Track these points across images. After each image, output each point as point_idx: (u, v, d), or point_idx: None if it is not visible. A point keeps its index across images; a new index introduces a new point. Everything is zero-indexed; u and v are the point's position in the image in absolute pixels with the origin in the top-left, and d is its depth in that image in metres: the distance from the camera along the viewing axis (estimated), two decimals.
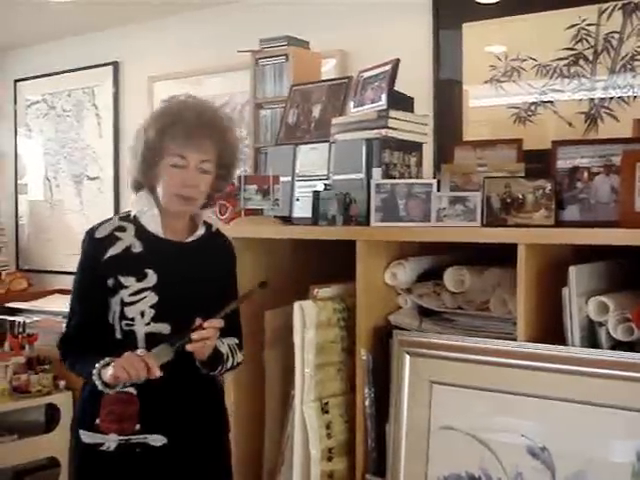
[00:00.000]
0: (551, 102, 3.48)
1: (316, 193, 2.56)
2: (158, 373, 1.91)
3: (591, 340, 2.07)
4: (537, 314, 2.12)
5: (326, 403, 2.35)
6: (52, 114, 5.74)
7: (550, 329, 2.12)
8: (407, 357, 2.25)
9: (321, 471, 2.32)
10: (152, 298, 2.05)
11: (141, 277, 2.06)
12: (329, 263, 2.45)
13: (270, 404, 2.57)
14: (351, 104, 2.75)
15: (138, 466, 2.04)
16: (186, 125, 2.03)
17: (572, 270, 2.04)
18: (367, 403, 2.33)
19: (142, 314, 2.03)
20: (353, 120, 2.61)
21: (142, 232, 2.10)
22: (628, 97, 3.30)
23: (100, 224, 2.13)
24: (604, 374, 1.96)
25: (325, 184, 2.63)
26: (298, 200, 2.77)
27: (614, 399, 1.94)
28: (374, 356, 2.34)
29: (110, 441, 2.02)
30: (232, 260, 2.26)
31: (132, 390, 2.02)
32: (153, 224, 2.11)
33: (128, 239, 2.09)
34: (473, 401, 2.14)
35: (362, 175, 2.49)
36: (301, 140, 2.85)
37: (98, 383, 1.95)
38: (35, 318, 4.75)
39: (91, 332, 2.06)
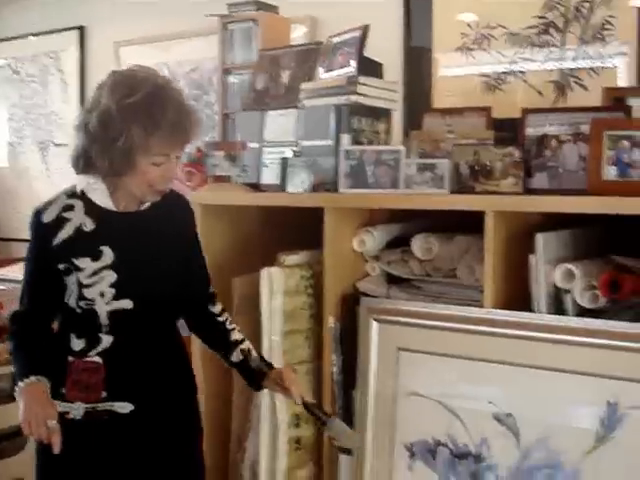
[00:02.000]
0: (521, 71, 3.48)
1: (284, 160, 2.54)
2: (56, 450, 1.86)
3: (557, 307, 2.08)
4: (504, 281, 2.13)
5: (294, 370, 2.35)
6: (16, 79, 5.64)
7: (517, 296, 2.13)
8: (374, 324, 2.25)
9: (288, 437, 2.33)
10: (111, 277, 1.97)
11: (96, 256, 1.97)
12: (297, 230, 2.43)
13: None
14: (320, 70, 2.72)
15: (106, 433, 2.02)
16: (173, 128, 1.90)
17: (539, 237, 2.05)
18: (334, 370, 2.34)
19: (102, 294, 1.97)
20: (322, 86, 2.59)
21: (92, 208, 2.00)
22: (597, 67, 3.30)
23: (46, 205, 2.01)
24: (570, 341, 1.97)
25: (293, 150, 2.61)
26: (266, 166, 2.74)
27: (579, 365, 1.96)
28: (342, 323, 2.34)
29: (77, 409, 2.00)
30: (190, 216, 2.16)
31: (98, 359, 2.00)
32: (102, 198, 2.00)
33: (78, 218, 1.99)
34: (440, 368, 2.15)
35: (331, 141, 2.47)
36: (269, 106, 2.82)
37: (17, 391, 1.94)
38: (1, 287, 4.70)
39: (43, 315, 2.03)
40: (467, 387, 2.11)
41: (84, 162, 1.96)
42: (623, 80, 3.24)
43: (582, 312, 2.05)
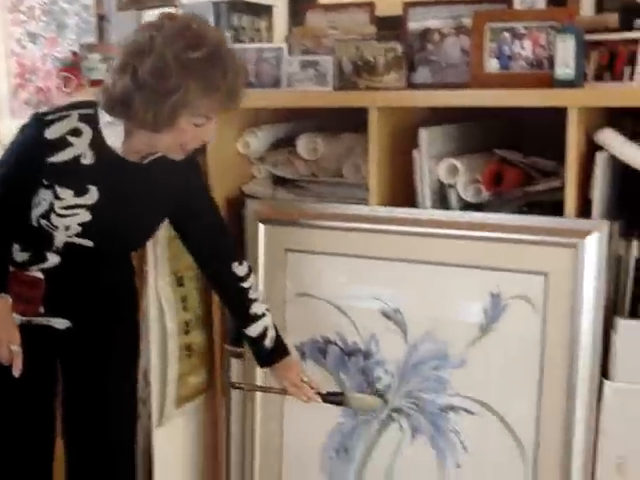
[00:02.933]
0: None
1: None
2: (16, 373, 1.83)
3: (442, 202, 2.09)
4: (389, 178, 2.12)
5: (181, 277, 2.31)
6: None
7: (402, 193, 2.12)
8: (261, 226, 2.22)
9: (179, 344, 2.30)
10: (84, 217, 1.86)
11: (81, 193, 1.85)
12: None
13: None
14: None
15: (42, 348, 1.98)
16: (228, 93, 1.76)
17: (423, 132, 2.04)
18: None
19: (67, 228, 1.87)
20: None
21: (99, 142, 1.84)
22: None
23: (54, 118, 1.83)
24: (454, 235, 1.99)
25: None
26: None
27: (463, 259, 1.99)
28: (229, 227, 2.30)
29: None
30: (194, 173, 2.02)
31: (39, 274, 1.92)
32: (114, 138, 1.85)
33: (80, 147, 1.83)
34: (328, 267, 2.15)
35: None
36: (145, 5, 2.69)
37: None
38: None
39: (7, 213, 1.91)
40: (355, 285, 2.12)
41: (121, 107, 1.76)
42: None
43: (466, 206, 2.07)
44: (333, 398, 2.09)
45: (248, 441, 2.31)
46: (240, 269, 2.05)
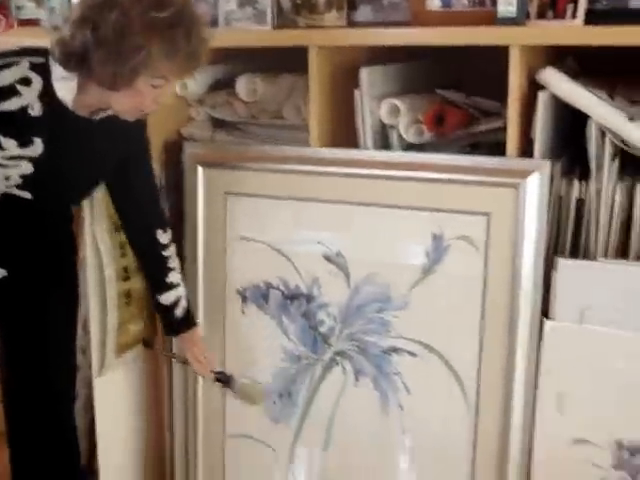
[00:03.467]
0: None
1: None
2: None
3: (383, 143, 2.06)
4: (330, 119, 2.09)
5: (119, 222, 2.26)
6: None
7: (344, 134, 2.09)
8: (200, 169, 2.17)
9: (117, 291, 2.25)
10: (26, 168, 1.79)
11: (25, 144, 1.77)
12: None
13: None
14: None
15: None
16: (190, 57, 1.68)
17: (364, 72, 2.00)
18: None
19: (7, 178, 1.79)
20: None
21: (48, 95, 1.75)
22: None
23: (3, 63, 1.73)
24: (396, 176, 1.97)
25: None
26: None
27: (406, 200, 1.97)
28: (167, 172, 2.25)
29: None
30: (142, 134, 1.97)
31: None
32: (65, 92, 1.75)
33: (29, 98, 1.73)
34: (269, 211, 2.12)
35: None
36: None
37: None
38: None
39: None
40: (296, 229, 2.09)
41: (77, 61, 1.67)
42: None
43: (408, 147, 2.04)
44: (222, 377, 2.12)
45: (191, 387, 2.29)
46: (164, 237, 2.03)
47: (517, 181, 1.85)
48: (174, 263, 2.06)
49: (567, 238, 1.89)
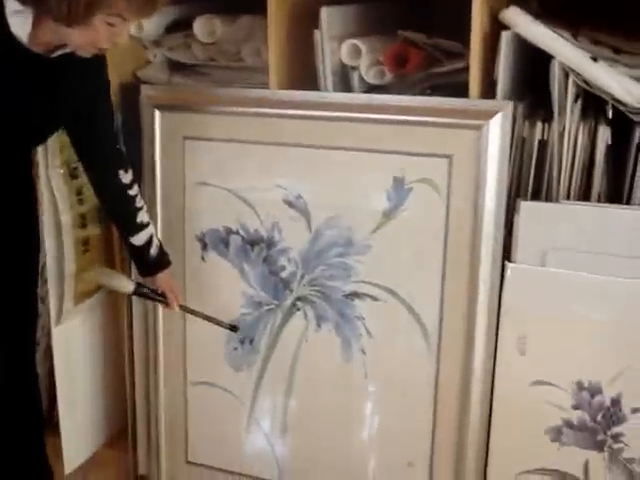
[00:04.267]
0: None
1: None
2: None
3: (344, 85, 2.02)
4: (291, 61, 2.04)
5: (75, 168, 2.20)
6: None
7: (304, 76, 2.05)
8: (157, 113, 2.12)
9: (75, 238, 2.22)
10: None
11: None
12: None
13: None
14: None
15: None
16: None
17: (324, 11, 1.95)
18: None
19: None
20: None
21: (2, 31, 1.68)
22: None
23: None
24: (357, 118, 1.93)
25: None
26: None
27: (367, 143, 1.94)
28: (124, 116, 2.19)
29: None
30: (100, 73, 1.91)
31: None
32: (19, 27, 1.68)
33: None
34: (228, 155, 2.07)
35: None
36: None
37: None
38: None
39: None
40: (256, 173, 2.06)
41: None
42: None
43: (369, 89, 2.01)
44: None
45: (151, 335, 2.26)
46: (126, 177, 1.99)
47: (479, 123, 1.82)
48: (141, 202, 2.03)
49: (529, 180, 1.87)
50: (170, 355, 2.26)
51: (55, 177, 2.15)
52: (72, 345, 2.35)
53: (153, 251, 2.05)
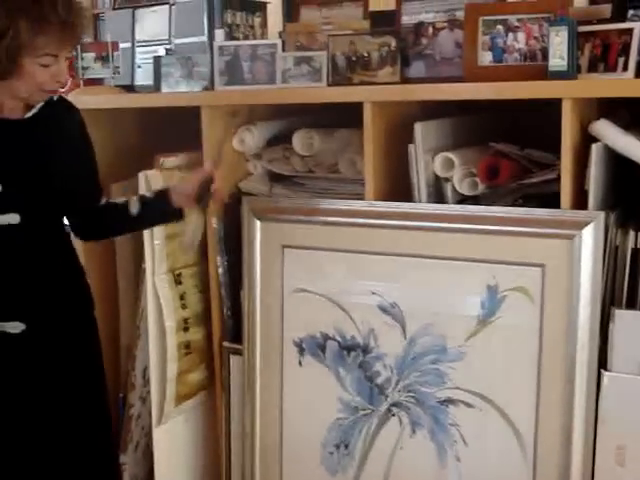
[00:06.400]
0: None
1: (157, 58, 2.44)
2: None
3: (438, 196, 2.08)
4: (385, 173, 2.12)
5: (179, 274, 2.31)
6: None
7: (398, 188, 2.12)
8: (258, 223, 2.22)
9: (177, 342, 2.31)
10: None
11: None
12: (176, 132, 2.35)
13: (122, 281, 2.52)
14: None
15: None
16: (63, 27, 1.72)
17: (418, 126, 2.03)
18: (220, 272, 2.31)
19: None
20: None
21: None
22: None
23: None
24: (450, 228, 1.99)
25: (166, 49, 2.51)
26: (140, 67, 2.64)
27: (460, 252, 1.98)
28: (225, 224, 2.31)
29: None
30: (79, 127, 1.99)
31: None
32: None
33: None
34: (325, 263, 2.15)
35: (204, 38, 2.38)
36: (140, 3, 2.70)
37: None
38: None
39: None
40: (352, 280, 2.12)
41: None
42: None
43: (462, 199, 2.06)
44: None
45: (248, 438, 2.31)
46: (104, 199, 2.03)
47: (572, 232, 1.85)
48: (121, 199, 2.02)
49: (623, 288, 1.88)
50: (266, 457, 2.29)
51: (161, 283, 2.26)
52: (172, 445, 2.41)
53: (149, 195, 2.03)
